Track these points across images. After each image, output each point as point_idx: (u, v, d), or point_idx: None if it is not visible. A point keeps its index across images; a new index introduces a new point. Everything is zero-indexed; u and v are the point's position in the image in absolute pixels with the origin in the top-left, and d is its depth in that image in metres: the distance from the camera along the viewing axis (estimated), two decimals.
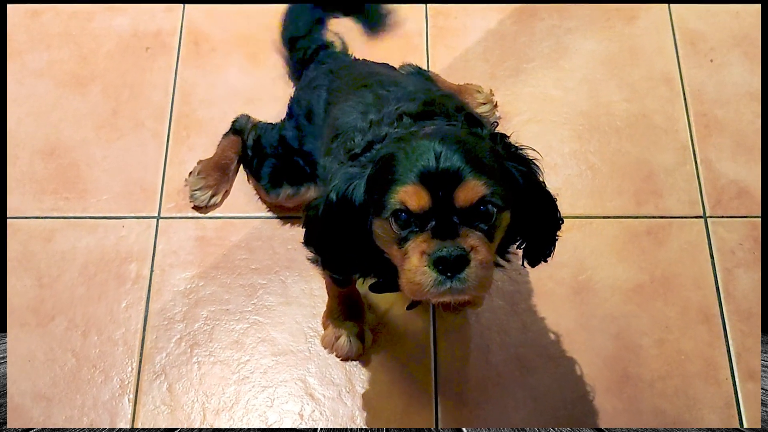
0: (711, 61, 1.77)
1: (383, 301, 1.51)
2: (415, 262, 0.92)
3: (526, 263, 1.10)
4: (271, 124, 1.55)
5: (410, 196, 0.91)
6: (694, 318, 1.51)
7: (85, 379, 1.45)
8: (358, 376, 1.46)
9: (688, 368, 1.47)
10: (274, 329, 1.50)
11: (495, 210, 0.93)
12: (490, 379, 1.45)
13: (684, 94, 1.73)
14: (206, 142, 1.67)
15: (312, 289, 1.53)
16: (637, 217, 1.60)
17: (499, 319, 1.50)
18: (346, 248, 1.04)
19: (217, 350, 1.48)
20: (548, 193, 1.04)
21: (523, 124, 1.62)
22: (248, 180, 1.60)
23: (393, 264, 0.99)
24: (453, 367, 1.46)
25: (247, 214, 1.60)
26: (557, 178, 1.64)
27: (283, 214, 1.59)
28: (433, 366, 1.45)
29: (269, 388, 1.46)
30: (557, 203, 1.06)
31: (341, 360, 1.45)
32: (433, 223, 0.92)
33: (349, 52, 1.54)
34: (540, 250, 1.09)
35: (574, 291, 1.53)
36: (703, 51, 1.78)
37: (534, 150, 1.04)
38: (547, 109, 1.72)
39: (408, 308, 1.35)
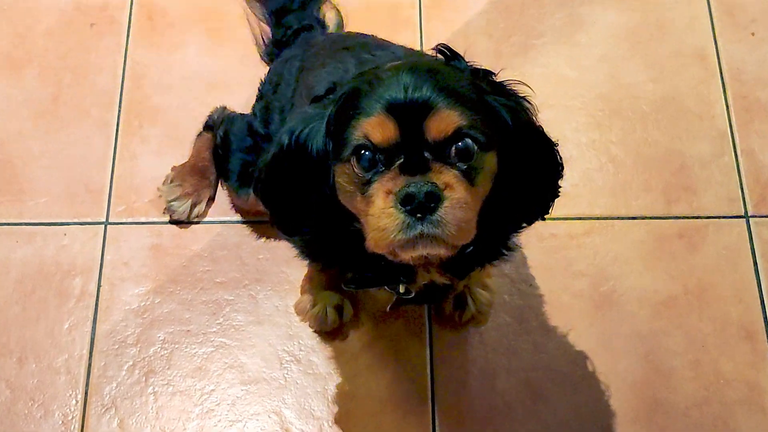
0: (752, 34, 1.76)
1: (368, 317, 1.51)
2: (379, 204, 0.92)
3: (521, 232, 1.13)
4: (242, 114, 1.55)
5: (374, 127, 0.92)
6: (734, 335, 1.51)
7: (22, 414, 1.44)
8: (343, 406, 1.45)
9: (728, 394, 1.46)
10: (243, 353, 1.50)
11: (475, 147, 0.94)
12: (496, 409, 1.45)
13: (721, 73, 1.73)
14: (161, 133, 1.67)
15: (287, 306, 1.53)
16: (667, 218, 1.60)
17: (506, 338, 1.50)
18: (305, 212, 1.05)
19: (176, 378, 1.48)
20: (543, 133, 1.04)
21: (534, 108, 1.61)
22: (221, 182, 1.61)
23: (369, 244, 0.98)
24: (453, 395, 1.46)
25: (211, 219, 1.61)
26: (573, 172, 1.62)
27: (257, 218, 1.59)
28: (430, 394, 1.45)
29: (238, 422, 1.45)
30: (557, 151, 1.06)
31: (313, 330, 1.49)
32: (402, 159, 0.93)
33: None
34: (538, 203, 1.09)
35: (594, 305, 1.53)
36: (743, 23, 1.78)
37: (527, 86, 1.04)
38: (560, 92, 1.71)
39: (391, 308, 1.37)
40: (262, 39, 1.61)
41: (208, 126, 1.60)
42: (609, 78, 1.73)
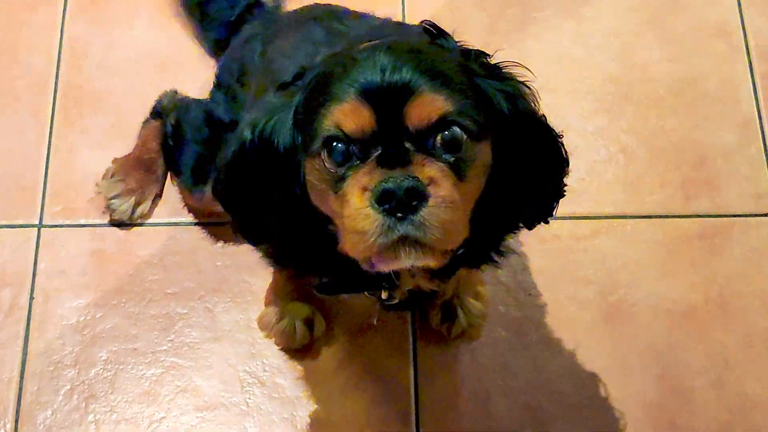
0: None
1: (343, 331, 1.49)
2: (355, 203, 0.91)
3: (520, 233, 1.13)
4: (198, 100, 1.53)
5: (346, 115, 0.92)
6: (762, 351, 1.49)
7: None
8: None
9: (755, 418, 1.45)
10: (198, 375, 1.47)
11: (464, 136, 0.93)
12: None
13: (747, 50, 1.72)
14: (104, 123, 1.64)
15: (250, 320, 1.50)
16: (686, 217, 1.59)
17: (502, 355, 1.48)
18: (273, 216, 1.04)
19: (121, 405, 1.45)
20: (545, 123, 1.03)
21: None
22: (171, 178, 1.59)
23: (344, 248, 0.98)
24: (440, 421, 1.44)
25: (161, 220, 1.58)
26: (579, 165, 1.60)
27: (214, 220, 1.56)
28: (414, 419, 1.44)
29: None
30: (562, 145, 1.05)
31: (280, 348, 1.47)
32: (379, 150, 0.92)
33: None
34: (539, 204, 1.09)
35: (603, 316, 1.52)
36: None
37: (526, 68, 1.02)
38: (563, 73, 1.69)
39: (377, 319, 1.40)
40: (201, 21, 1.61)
41: (157, 113, 1.58)
42: (619, 57, 1.72)
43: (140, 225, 1.57)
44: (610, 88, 1.68)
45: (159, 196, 1.59)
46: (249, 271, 1.53)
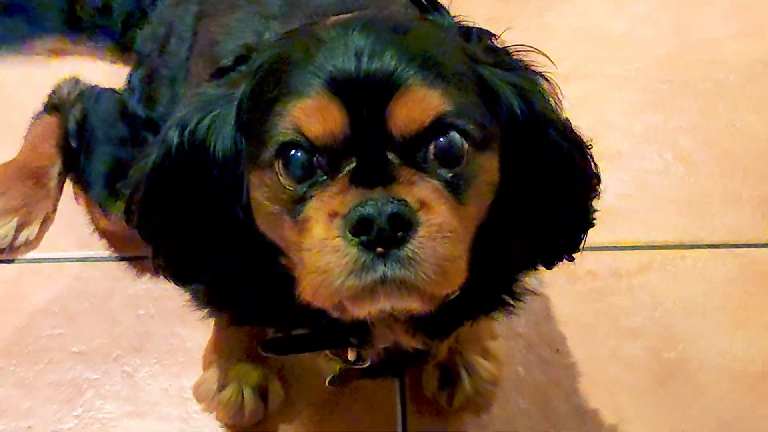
0: None
1: (308, 401, 1.44)
2: (319, 233, 0.90)
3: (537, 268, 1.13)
4: (110, 89, 1.53)
5: (310, 114, 0.90)
6: None
7: None
8: None
9: None
10: None
11: (465, 145, 0.92)
12: None
13: None
14: None
15: (183, 389, 1.44)
16: (766, 246, 1.59)
17: None
18: (208, 248, 1.04)
19: None
20: (568, 127, 1.02)
21: (561, 80, 1.51)
22: (75, 192, 1.57)
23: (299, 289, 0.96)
24: None
25: (64, 254, 1.56)
26: (622, 176, 1.56)
27: (133, 252, 1.54)
28: None
29: None
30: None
31: (223, 425, 1.44)
32: (354, 163, 0.90)
33: None
34: (560, 234, 1.08)
35: (655, 379, 1.47)
36: None
37: (544, 55, 1.02)
38: (599, 55, 1.73)
39: (330, 383, 1.31)
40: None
41: (53, 105, 1.57)
42: (675, 32, 1.77)
43: (38, 261, 1.55)
44: (663, 73, 1.70)
45: (50, 217, 1.57)
46: (182, 322, 1.48)
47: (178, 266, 1.09)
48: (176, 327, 1.49)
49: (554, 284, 1.51)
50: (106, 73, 1.59)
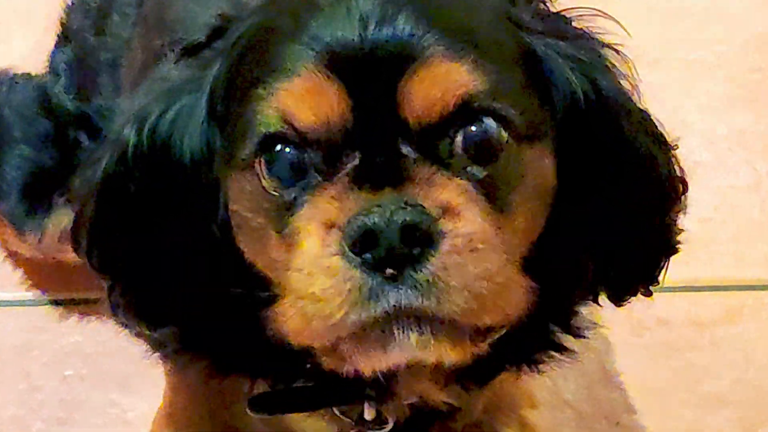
0: None
1: None
2: (312, 250, 0.87)
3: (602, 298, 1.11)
4: (28, 75, 1.52)
5: (301, 99, 0.89)
6: None
7: None
8: None
9: None
10: None
11: (506, 135, 0.90)
12: None
13: None
14: None
15: None
16: None
17: None
18: (176, 268, 1.02)
19: None
20: (647, 117, 1.00)
21: None
22: None
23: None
24: None
25: None
26: (700, 194, 1.41)
27: (59, 292, 1.49)
28: None
29: None
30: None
31: None
32: (357, 159, 0.88)
33: None
34: (633, 261, 1.06)
35: None
36: None
37: (614, 20, 1.01)
38: (674, 34, 1.75)
39: None
40: None
41: None
42: None
43: None
44: (756, 59, 1.71)
45: None
46: (121, 386, 1.43)
47: (144, 302, 1.05)
48: (113, 393, 1.43)
49: (614, 336, 1.45)
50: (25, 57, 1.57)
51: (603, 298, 1.08)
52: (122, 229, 1.00)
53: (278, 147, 0.89)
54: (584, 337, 1.10)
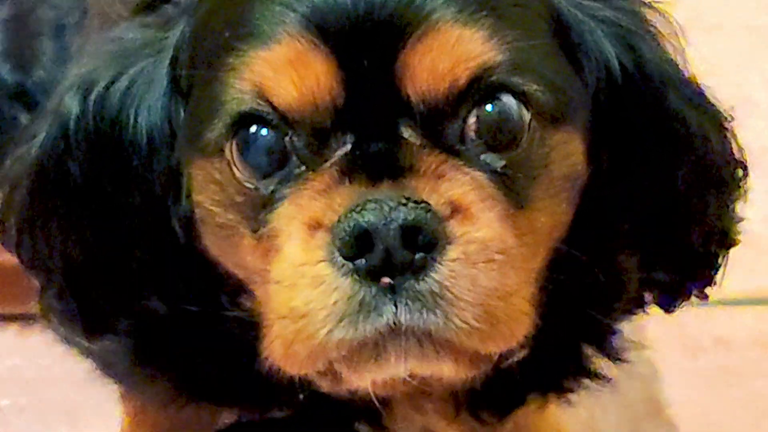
0: None
1: None
2: (295, 255, 0.85)
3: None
4: None
5: (281, 70, 0.86)
6: None
7: None
8: None
9: None
10: None
11: (527, 115, 0.88)
12: None
13: None
14: None
15: None
16: None
17: None
18: (126, 266, 1.00)
19: None
20: (698, 91, 0.98)
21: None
22: None
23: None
24: None
25: None
26: (767, 186, 1.41)
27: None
28: None
29: None
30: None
31: None
32: (348, 145, 0.85)
33: None
34: (684, 257, 1.04)
35: None
36: None
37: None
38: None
39: None
40: None
41: None
42: None
43: None
44: None
45: None
46: (68, 416, 1.42)
47: (85, 307, 1.02)
48: (59, 426, 1.42)
49: (663, 359, 1.44)
50: None
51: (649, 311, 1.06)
52: (60, 219, 0.97)
53: (253, 128, 0.86)
54: (625, 360, 1.07)
